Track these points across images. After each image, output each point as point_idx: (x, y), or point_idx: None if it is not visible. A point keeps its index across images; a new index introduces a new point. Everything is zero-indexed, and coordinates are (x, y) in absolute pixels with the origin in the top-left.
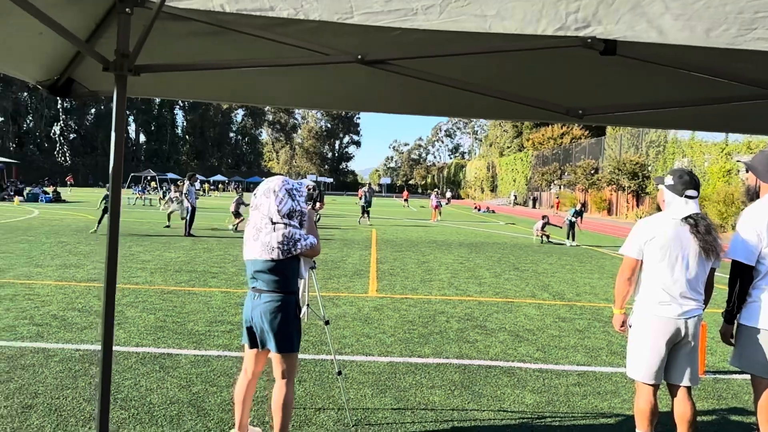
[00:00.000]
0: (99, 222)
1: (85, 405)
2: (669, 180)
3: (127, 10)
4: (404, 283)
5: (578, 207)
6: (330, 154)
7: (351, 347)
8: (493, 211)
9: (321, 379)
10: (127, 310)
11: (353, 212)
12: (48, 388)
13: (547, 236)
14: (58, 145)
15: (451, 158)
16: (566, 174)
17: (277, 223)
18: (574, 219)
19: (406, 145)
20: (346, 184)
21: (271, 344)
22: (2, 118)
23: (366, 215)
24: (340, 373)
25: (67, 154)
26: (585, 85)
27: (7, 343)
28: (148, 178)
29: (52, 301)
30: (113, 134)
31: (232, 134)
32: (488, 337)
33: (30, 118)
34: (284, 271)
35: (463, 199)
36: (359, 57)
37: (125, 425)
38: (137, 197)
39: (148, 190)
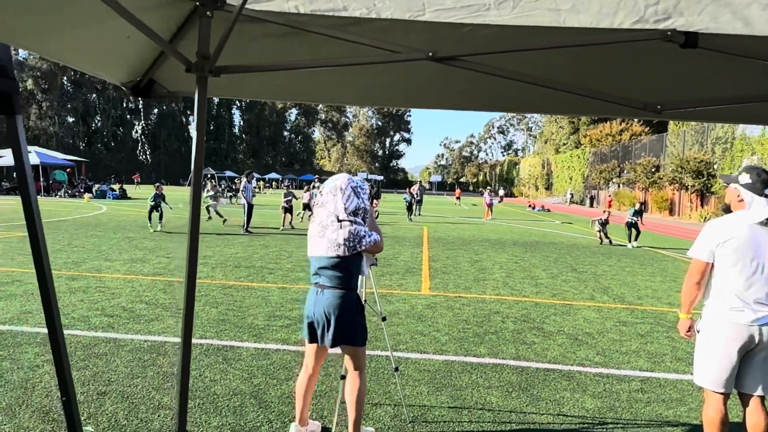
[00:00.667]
0: (150, 220)
1: (155, 393)
2: (745, 178)
3: (207, 13)
4: (457, 282)
5: (637, 206)
6: (381, 152)
7: (405, 344)
8: (548, 210)
9: (377, 375)
10: None
11: (404, 211)
12: (120, 376)
13: (608, 237)
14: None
15: (503, 155)
16: (625, 172)
17: (344, 220)
18: (634, 219)
19: (457, 142)
20: (397, 181)
21: (333, 339)
22: (73, 119)
23: (415, 211)
24: (397, 369)
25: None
26: (663, 79)
27: (81, 333)
28: (208, 176)
29: (121, 293)
30: (194, 133)
31: (286, 133)
32: (546, 339)
33: (98, 118)
34: (348, 268)
35: (516, 197)
36: (430, 54)
37: (191, 414)
38: None
39: (207, 189)
